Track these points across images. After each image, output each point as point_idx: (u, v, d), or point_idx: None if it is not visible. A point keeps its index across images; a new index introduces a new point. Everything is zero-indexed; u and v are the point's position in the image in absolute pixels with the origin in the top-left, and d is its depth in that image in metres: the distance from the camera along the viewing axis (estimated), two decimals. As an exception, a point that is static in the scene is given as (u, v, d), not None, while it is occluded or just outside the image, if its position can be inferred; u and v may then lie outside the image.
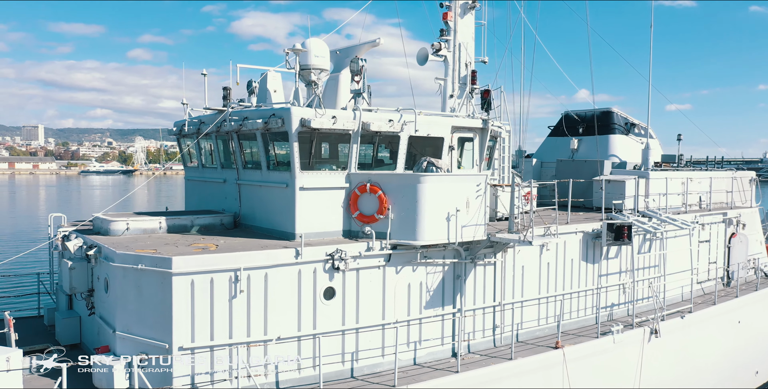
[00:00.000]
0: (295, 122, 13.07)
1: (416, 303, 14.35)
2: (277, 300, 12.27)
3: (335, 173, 13.93)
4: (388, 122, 14.23)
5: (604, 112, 24.65)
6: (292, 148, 13.17)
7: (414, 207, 13.50)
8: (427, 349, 14.56)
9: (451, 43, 19.91)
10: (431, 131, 15.22)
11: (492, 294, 15.80)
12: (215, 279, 11.57)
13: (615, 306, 19.08)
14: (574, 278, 17.88)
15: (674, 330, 19.22)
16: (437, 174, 13.97)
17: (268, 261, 12.09)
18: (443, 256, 14.68)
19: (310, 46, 14.88)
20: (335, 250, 12.85)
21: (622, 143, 24.11)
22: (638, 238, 19.65)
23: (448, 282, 14.87)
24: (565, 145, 24.82)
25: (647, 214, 20.13)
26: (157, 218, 14.07)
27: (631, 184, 20.81)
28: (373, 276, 13.58)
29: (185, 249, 12.09)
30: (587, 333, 17.40)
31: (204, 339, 11.56)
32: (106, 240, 13.14)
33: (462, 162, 17.39)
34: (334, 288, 13.01)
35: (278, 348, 12.29)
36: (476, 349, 15.51)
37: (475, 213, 14.29)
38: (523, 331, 16.64)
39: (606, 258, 18.74)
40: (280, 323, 12.32)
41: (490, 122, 16.13)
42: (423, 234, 13.58)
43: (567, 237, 17.54)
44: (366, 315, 13.52)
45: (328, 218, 13.80)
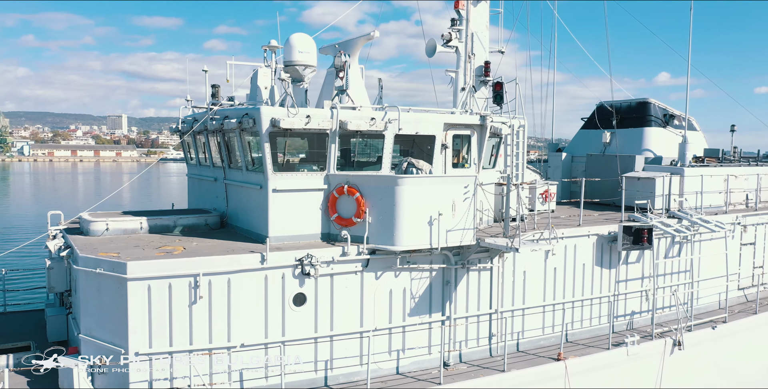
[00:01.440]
0: (265, 122, 12.61)
1: (399, 311, 13.70)
2: (242, 306, 11.94)
3: (313, 174, 13.41)
4: (370, 121, 13.55)
5: (640, 103, 22.89)
6: (264, 149, 12.73)
7: (392, 210, 12.82)
8: (412, 358, 13.91)
9: (463, 33, 18.87)
10: (420, 129, 14.41)
11: (488, 301, 14.92)
12: (173, 284, 11.34)
13: (636, 314, 17.72)
14: (586, 284, 16.69)
15: (702, 342, 17.67)
16: (416, 176, 13.20)
17: (231, 266, 11.75)
18: (430, 261, 13.93)
19: (294, 41, 14.35)
20: (305, 255, 12.37)
21: (658, 136, 22.33)
22: (665, 242, 18.14)
23: (436, 288, 14.13)
24: (597, 138, 23.26)
25: (677, 215, 18.54)
26: (139, 218, 14.03)
27: (662, 182, 19.23)
28: (350, 282, 13.03)
29: (148, 253, 11.93)
30: (599, 343, 16.22)
31: (162, 345, 11.39)
32: (83, 240, 13.20)
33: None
34: (305, 295, 12.55)
35: (243, 355, 11.98)
36: (470, 359, 14.72)
37: (463, 217, 13.44)
38: (525, 340, 15.67)
39: (625, 263, 17.39)
40: (244, 330, 12.00)
41: (489, 118, 15.12)
42: (401, 239, 12.89)
43: (578, 240, 16.35)
44: (341, 322, 13.00)
45: (304, 221, 13.32)
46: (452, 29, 18.80)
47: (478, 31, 18.96)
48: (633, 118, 22.67)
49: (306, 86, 14.55)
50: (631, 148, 22.11)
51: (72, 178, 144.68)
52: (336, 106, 13.33)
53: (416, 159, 13.79)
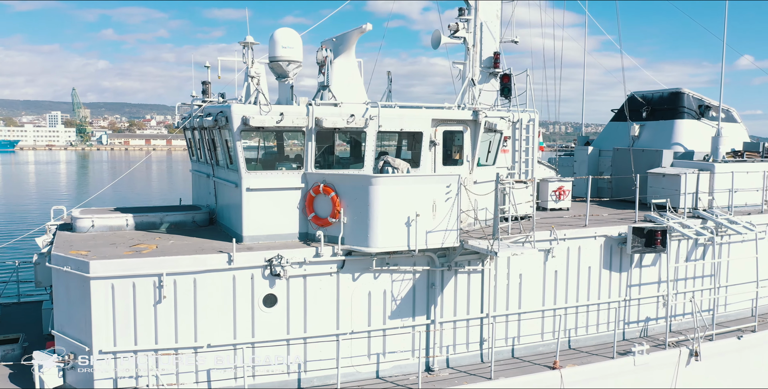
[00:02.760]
0: (236, 120, 12.41)
1: (379, 313, 13.29)
2: (209, 306, 11.85)
3: (289, 173, 13.13)
4: (349, 117, 13.12)
5: (673, 94, 21.33)
6: (236, 148, 12.55)
7: (366, 211, 12.39)
8: (393, 362, 13.50)
9: (471, 23, 18.07)
10: (405, 126, 13.84)
11: (479, 305, 14.28)
12: (137, 283, 11.36)
13: (651, 321, 16.60)
14: (592, 289, 15.73)
15: (725, 353, 16.38)
16: (392, 175, 12.69)
17: (196, 266, 11.66)
18: (413, 263, 13.43)
19: (278, 37, 14.02)
20: (275, 256, 12.14)
21: (691, 129, 20.77)
22: (686, 244, 16.88)
23: (420, 290, 13.62)
24: (626, 131, 21.90)
25: (701, 215, 17.19)
26: (125, 215, 14.18)
27: (688, 179, 17.88)
28: (324, 284, 12.72)
29: (119, 251, 12.00)
30: (605, 351, 15.28)
31: (128, 343, 11.45)
32: (67, 237, 13.46)
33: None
34: (275, 296, 12.34)
35: (211, 355, 11.91)
36: (458, 364, 14.16)
37: (445, 218, 12.85)
38: (521, 346, 14.95)
39: (639, 267, 16.29)
40: (212, 330, 11.91)
41: (482, 113, 14.36)
42: (376, 241, 12.45)
43: (583, 242, 15.41)
44: (315, 324, 12.72)
45: (281, 220, 13.08)
46: (460, 19, 18.05)
47: (487, 21, 18.12)
48: (664, 109, 21.18)
49: (291, 82, 14.23)
50: (660, 141, 20.69)
51: (146, 166, 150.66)
52: (312, 102, 12.97)
53: (393, 157, 13.26)
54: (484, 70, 18.24)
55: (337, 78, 15.00)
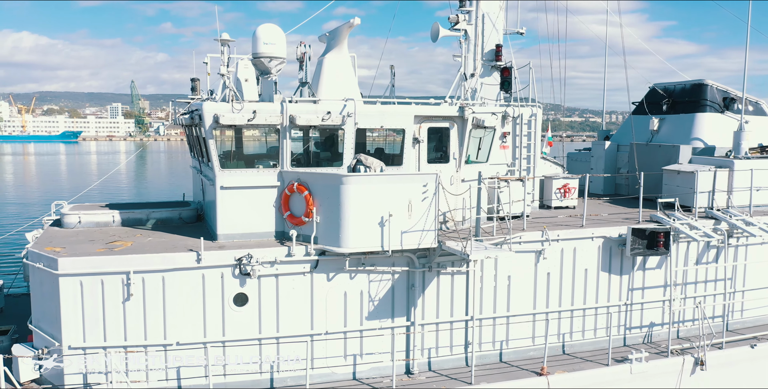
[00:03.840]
0: (208, 118, 12.34)
1: (355, 314, 13.06)
2: (178, 304, 11.88)
3: (265, 171, 13.00)
4: (325, 114, 12.86)
5: (695, 85, 20.12)
6: (209, 146, 12.50)
7: (338, 210, 12.15)
8: (372, 364, 13.26)
9: (472, 14, 17.48)
10: (386, 123, 13.49)
11: (463, 307, 13.86)
12: (105, 281, 11.49)
13: (656, 327, 15.77)
14: (589, 292, 15.04)
15: (735, 363, 15.43)
16: (364, 174, 12.37)
17: (165, 264, 11.70)
18: (392, 264, 13.12)
19: (260, 33, 13.85)
20: (245, 255, 12.06)
21: (714, 123, 19.55)
22: (696, 246, 15.94)
23: (399, 292, 13.31)
24: (646, 125, 20.84)
25: (715, 216, 16.19)
26: (112, 211, 14.38)
27: (704, 177, 16.87)
28: (297, 283, 12.57)
29: (93, 248, 12.15)
30: (601, 358, 14.59)
31: (97, 339, 11.62)
32: (52, 232, 13.75)
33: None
34: (246, 295, 12.27)
35: (181, 353, 11.96)
36: (440, 367, 13.81)
37: (422, 218, 12.48)
38: (510, 351, 14.45)
39: (642, 269, 15.48)
40: (181, 328, 11.95)
41: (469, 109, 13.83)
42: (348, 241, 12.21)
43: (578, 243, 14.73)
44: (288, 324, 12.61)
45: (257, 219, 12.98)
46: (460, 11, 17.50)
47: (490, 12, 17.50)
48: (686, 102, 20.02)
49: (275, 78, 14.06)
50: (680, 136, 19.59)
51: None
52: (285, 100, 12.78)
53: (366, 156, 12.93)
54: (486, 64, 17.64)
55: (329, 74, 14.79)
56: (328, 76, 14.78)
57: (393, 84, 17.71)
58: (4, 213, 49.95)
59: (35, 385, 12.00)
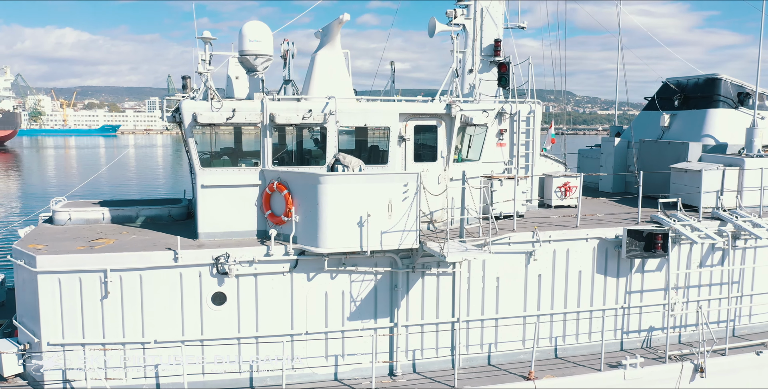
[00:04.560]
0: (187, 117, 12.32)
1: (337, 315, 12.93)
2: (155, 303, 11.93)
3: (246, 169, 12.94)
4: (307, 113, 12.71)
5: (708, 80, 19.30)
6: (189, 144, 12.48)
7: (315, 210, 12.02)
8: (354, 365, 13.13)
9: (471, 9, 17.08)
10: (369, 121, 13.28)
11: (449, 309, 13.60)
12: (83, 279, 11.59)
13: (655, 331, 15.23)
14: (584, 294, 14.60)
15: (738, 370, 14.81)
16: (341, 173, 12.18)
17: (142, 263, 11.75)
18: (375, 264, 12.94)
19: (245, 30, 13.74)
20: (223, 254, 12.03)
21: (727, 119, 18.74)
22: (699, 248, 15.32)
23: (382, 292, 13.13)
24: (657, 121, 20.14)
25: (721, 216, 15.53)
26: (102, 209, 14.52)
27: (711, 176, 16.21)
28: (277, 283, 12.50)
29: (74, 246, 12.27)
30: (595, 363, 14.15)
31: (75, 336, 11.74)
32: (42, 229, 13.95)
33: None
34: (224, 294, 12.25)
35: (159, 351, 12.00)
36: (425, 370, 13.60)
37: (402, 218, 12.26)
38: (499, 353, 14.14)
39: (641, 272, 14.95)
40: (159, 326, 12.00)
41: (456, 106, 13.50)
42: (326, 241, 12.07)
43: (572, 244, 14.30)
44: (268, 323, 12.55)
45: (238, 218, 12.94)
46: (458, 5, 17.12)
47: (489, 6, 17.06)
48: (698, 97, 19.25)
49: (261, 76, 13.96)
50: (691, 132, 18.85)
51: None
52: (265, 98, 12.66)
53: (344, 154, 12.72)
54: (485, 59, 17.23)
55: (321, 71, 14.64)
56: (319, 73, 14.62)
57: (393, 80, 17.47)
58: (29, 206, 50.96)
59: (20, 380, 12.23)
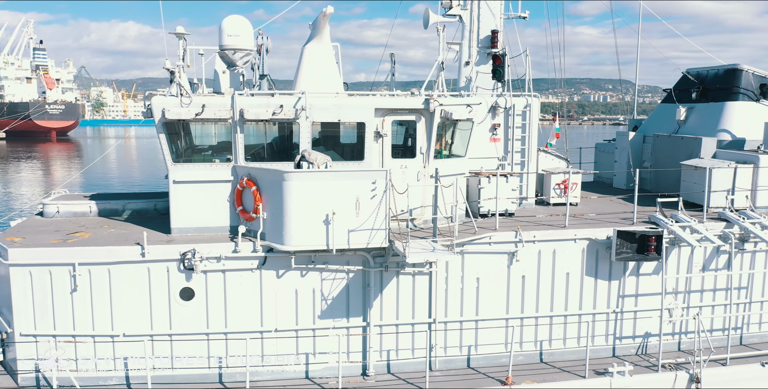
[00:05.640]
0: (157, 113, 12.34)
1: (308, 313, 12.79)
2: (123, 297, 12.06)
3: (218, 165, 12.90)
4: (278, 108, 12.55)
5: (728, 71, 18.08)
6: (160, 140, 12.52)
7: (281, 207, 11.88)
8: (325, 364, 12.97)
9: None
10: (344, 116, 13.00)
11: (426, 309, 13.26)
12: (53, 272, 11.82)
13: (652, 337, 14.46)
14: (572, 297, 13.98)
15: (739, 381, 13.90)
16: (306, 170, 11.96)
17: (110, 257, 11.89)
18: (347, 262, 12.72)
19: (224, 25, 13.65)
20: (190, 250, 12.05)
21: (746, 113, 17.52)
22: (702, 251, 14.43)
23: (354, 291, 12.90)
24: (674, 114, 19.06)
25: (728, 218, 14.57)
26: (89, 202, 14.79)
27: (720, 173, 15.25)
28: (245, 280, 12.44)
29: (49, 239, 12.51)
30: (581, 369, 13.54)
31: (47, 328, 12.00)
32: (30, 221, 14.31)
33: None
34: (192, 289, 12.28)
35: (129, 344, 12.14)
36: (400, 370, 13.33)
37: (371, 216, 11.98)
38: (479, 356, 13.72)
39: (636, 275, 14.20)
40: (127, 320, 12.14)
41: (434, 101, 13.04)
42: (291, 239, 11.92)
43: (558, 245, 13.69)
44: (236, 320, 12.52)
45: (211, 213, 12.93)
46: (455, -6, 16.56)
47: (487, -3, 16.46)
48: (717, 89, 18.08)
49: (242, 70, 13.86)
50: (708, 127, 17.74)
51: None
52: (235, 93, 12.56)
53: (311, 150, 12.48)
54: (483, 51, 16.64)
55: (308, 64, 14.46)
56: (307, 66, 14.44)
57: (393, 73, 17.10)
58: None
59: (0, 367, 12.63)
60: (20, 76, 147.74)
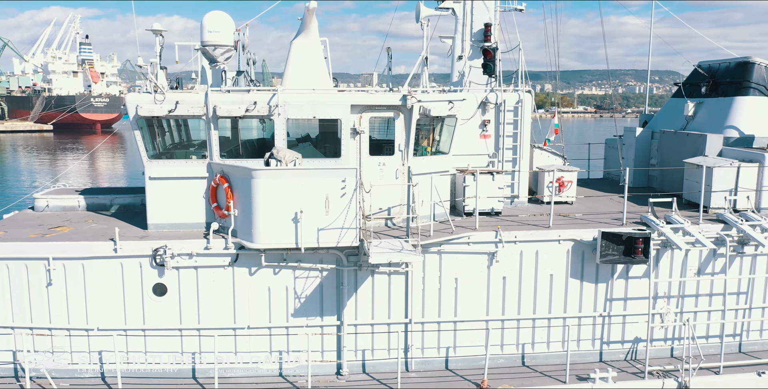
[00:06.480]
0: (131, 109, 12.42)
1: (281, 310, 12.75)
2: (97, 291, 12.23)
3: (194, 162, 12.93)
4: (251, 105, 12.48)
5: (739, 64, 17.16)
6: (135, 136, 12.61)
7: (249, 204, 11.83)
8: (299, 362, 12.91)
9: (461, -9, 16.10)
10: (319, 113, 12.84)
11: (402, 309, 13.06)
12: (29, 266, 12.05)
13: (641, 343, 13.93)
14: (555, 300, 13.55)
15: (731, 391, 13.28)
16: (274, 168, 11.86)
17: (83, 252, 12.05)
18: (320, 261, 12.61)
19: (205, 21, 13.66)
20: (161, 246, 12.12)
21: (756, 108, 16.62)
22: (697, 254, 13.80)
23: (328, 290, 12.79)
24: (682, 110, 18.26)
25: (726, 219, 13.88)
26: (78, 197, 15.04)
27: (724, 173, 14.55)
28: (218, 277, 12.46)
29: (29, 233, 12.76)
30: (562, 374, 13.14)
31: (24, 321, 12.26)
32: (20, 215, 14.63)
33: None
34: (165, 285, 12.37)
35: (103, 339, 12.31)
36: (376, 370, 13.19)
37: (341, 215, 11.83)
38: (458, 358, 13.45)
39: (625, 278, 13.68)
40: (101, 314, 12.31)
41: (412, 98, 12.75)
42: (259, 236, 11.87)
43: (541, 246, 13.28)
44: (209, 316, 12.57)
45: (187, 210, 12.97)
46: (447, -14, 16.18)
47: (481, -11, 16.02)
48: (727, 83, 17.21)
49: (223, 67, 13.85)
50: (717, 123, 16.91)
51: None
52: (209, 90, 12.52)
53: (280, 147, 12.35)
54: (476, 45, 16.23)
55: (295, 59, 14.36)
56: (294, 62, 14.34)
57: (390, 67, 16.86)
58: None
59: None
60: (67, 70, 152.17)
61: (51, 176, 59.96)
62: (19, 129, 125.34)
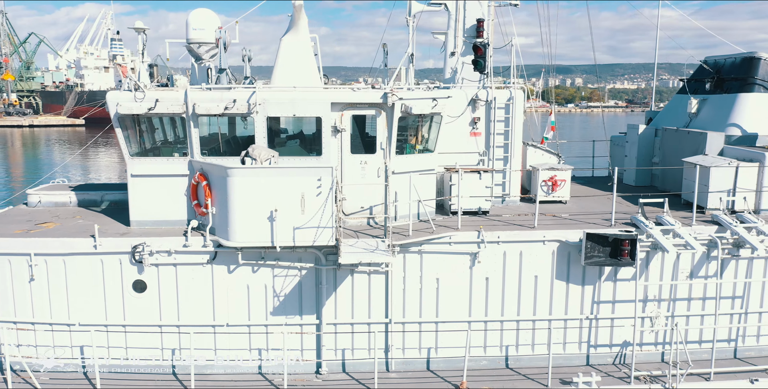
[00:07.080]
0: (112, 107, 12.50)
1: (260, 309, 12.75)
2: (78, 287, 12.39)
3: (175, 160, 12.98)
4: (230, 103, 12.46)
5: (745, 59, 16.53)
6: (117, 134, 12.70)
7: (226, 202, 11.84)
8: (278, 360, 12.90)
9: (453, -15, 15.82)
10: (299, 111, 12.76)
11: (382, 309, 12.96)
12: (12, 261, 12.26)
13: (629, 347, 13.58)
14: (540, 302, 13.29)
15: (720, 399, 12.87)
16: (249, 167, 11.82)
17: (64, 249, 12.21)
18: (299, 259, 12.57)
19: (190, 19, 13.68)
20: (141, 243, 12.21)
21: (762, 105, 15.98)
22: (690, 256, 13.37)
23: (307, 289, 12.75)
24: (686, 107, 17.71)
25: (720, 221, 13.43)
26: (69, 193, 15.24)
27: (721, 172, 14.07)
28: (197, 274, 12.52)
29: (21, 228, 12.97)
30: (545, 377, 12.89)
31: (7, 315, 12.49)
32: (12, 211, 14.90)
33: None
34: (144, 282, 12.47)
35: (84, 334, 12.47)
36: (355, 370, 13.13)
37: (317, 213, 11.76)
38: (440, 359, 13.30)
39: (613, 280, 13.34)
40: (82, 309, 12.47)
41: (393, 95, 12.57)
42: (235, 235, 11.88)
43: (525, 246, 13.02)
44: (188, 313, 12.64)
45: (169, 207, 13.05)
46: (439, -18, 15.92)
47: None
48: (731, 79, 16.61)
49: (208, 64, 13.85)
50: (720, 120, 16.35)
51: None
52: (188, 88, 12.54)
53: (255, 146, 12.29)
54: (468, 41, 15.95)
55: (284, 56, 14.32)
56: (283, 59, 14.29)
57: (386, 64, 16.69)
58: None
59: None
60: (98, 65, 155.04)
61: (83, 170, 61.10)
62: (53, 123, 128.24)
